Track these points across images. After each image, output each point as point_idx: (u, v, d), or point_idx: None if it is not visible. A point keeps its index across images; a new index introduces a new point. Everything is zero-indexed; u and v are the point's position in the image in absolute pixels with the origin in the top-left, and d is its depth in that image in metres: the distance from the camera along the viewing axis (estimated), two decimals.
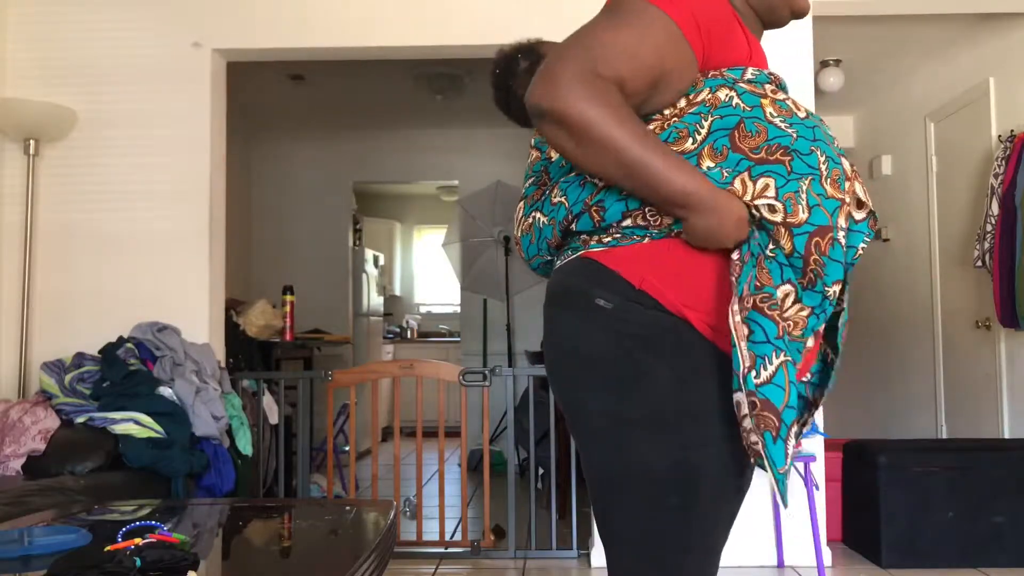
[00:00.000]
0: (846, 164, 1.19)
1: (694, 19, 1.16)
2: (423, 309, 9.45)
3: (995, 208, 3.88)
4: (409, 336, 8.77)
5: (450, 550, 3.67)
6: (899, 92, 5.19)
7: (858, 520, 3.65)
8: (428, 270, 9.38)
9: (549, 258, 1.37)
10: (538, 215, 1.33)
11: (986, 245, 3.93)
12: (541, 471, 4.65)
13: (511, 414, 3.98)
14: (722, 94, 1.19)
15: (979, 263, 3.99)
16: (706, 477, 1.17)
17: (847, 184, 1.17)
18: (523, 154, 2.85)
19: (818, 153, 1.16)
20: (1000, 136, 4.04)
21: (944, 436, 4.66)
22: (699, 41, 1.18)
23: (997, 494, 3.41)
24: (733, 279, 1.15)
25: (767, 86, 1.22)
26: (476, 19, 3.57)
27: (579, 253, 1.26)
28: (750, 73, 1.22)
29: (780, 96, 1.21)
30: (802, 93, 3.51)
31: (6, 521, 1.97)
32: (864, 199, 1.20)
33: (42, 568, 1.43)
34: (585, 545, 3.62)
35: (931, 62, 4.76)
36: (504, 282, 6.05)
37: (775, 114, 1.18)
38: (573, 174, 1.26)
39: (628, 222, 1.19)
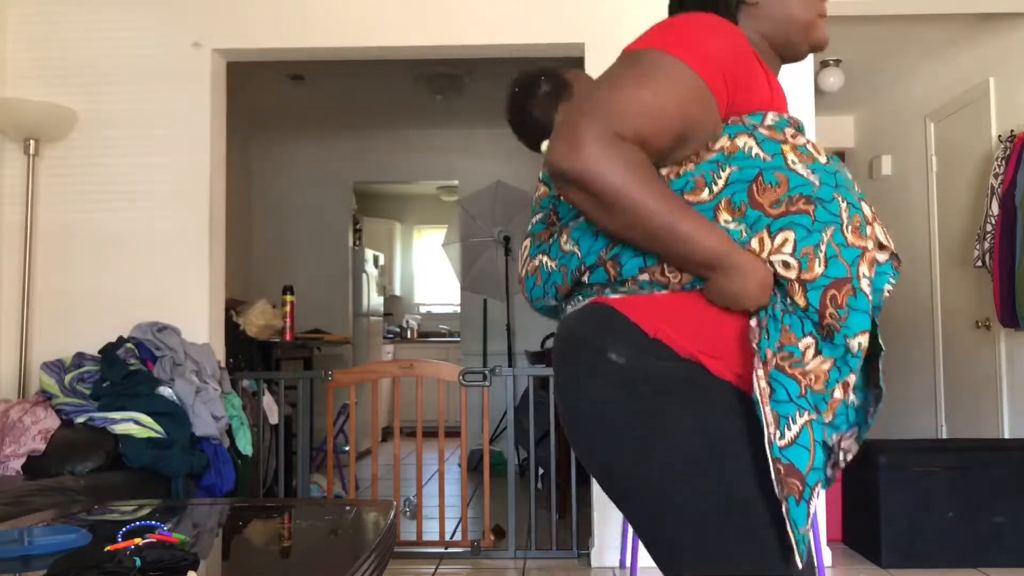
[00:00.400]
0: (866, 209, 1.16)
1: (719, 70, 1.13)
2: (423, 309, 9.46)
3: (995, 208, 3.88)
4: (409, 336, 8.77)
5: (450, 550, 3.67)
6: (899, 92, 5.19)
7: (858, 520, 3.65)
8: (428, 270, 9.39)
9: (555, 304, 1.33)
10: (545, 259, 1.29)
11: (986, 245, 3.93)
12: (541, 471, 4.65)
13: (511, 414, 3.98)
14: (740, 142, 1.15)
15: (979, 263, 3.99)
16: (754, 506, 1.12)
17: (868, 229, 1.14)
18: (523, 154, 2.85)
19: (839, 199, 1.13)
20: (1000, 136, 4.04)
21: (944, 436, 4.66)
22: (724, 91, 1.14)
23: (997, 494, 3.41)
24: (754, 345, 1.12)
25: (787, 130, 1.18)
26: (476, 19, 3.57)
27: (591, 299, 1.22)
28: (770, 119, 1.19)
29: (800, 141, 1.17)
30: (802, 93, 3.51)
31: (6, 521, 1.97)
32: (885, 242, 1.17)
33: (42, 568, 1.43)
34: (585, 545, 3.62)
35: (931, 62, 4.76)
36: (504, 282, 6.05)
37: (796, 160, 1.14)
38: (584, 219, 1.22)
39: (645, 276, 1.16)
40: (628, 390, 1.15)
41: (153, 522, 1.68)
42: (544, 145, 1.60)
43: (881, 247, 1.18)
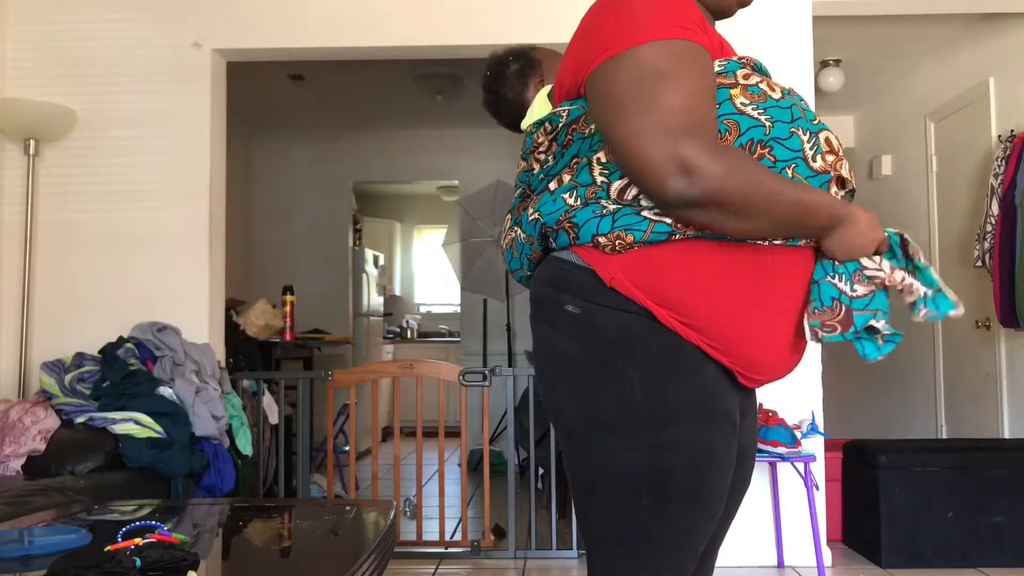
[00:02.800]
0: (829, 139, 1.19)
1: (699, 30, 1.15)
2: (423, 309, 9.45)
3: (995, 208, 3.88)
4: (409, 336, 8.76)
5: (450, 550, 3.67)
6: (899, 92, 5.19)
7: (858, 520, 3.65)
8: (428, 270, 9.38)
9: (530, 274, 1.36)
10: (519, 230, 1.33)
11: (986, 245, 3.93)
12: (541, 471, 4.64)
13: (511, 414, 3.98)
14: None
15: (979, 263, 3.99)
16: (677, 477, 1.16)
17: (830, 158, 1.18)
18: None
19: (799, 133, 1.16)
20: (1000, 136, 4.04)
21: (944, 436, 4.66)
22: (711, 47, 1.17)
23: (997, 494, 3.41)
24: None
25: (739, 72, 1.18)
26: (476, 19, 3.57)
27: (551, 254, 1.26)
28: (717, 65, 1.18)
29: (753, 80, 1.18)
30: (802, 93, 3.50)
31: (6, 521, 1.97)
32: (848, 176, 1.20)
33: (42, 568, 1.43)
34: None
35: (931, 62, 4.76)
36: (504, 282, 6.04)
37: (747, 102, 1.15)
38: (547, 191, 1.25)
39: (603, 240, 1.17)
40: (583, 342, 1.19)
41: (153, 522, 1.68)
42: (524, 124, 1.62)
43: (843, 182, 1.20)
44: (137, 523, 1.66)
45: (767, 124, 1.14)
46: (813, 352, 3.45)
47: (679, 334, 1.16)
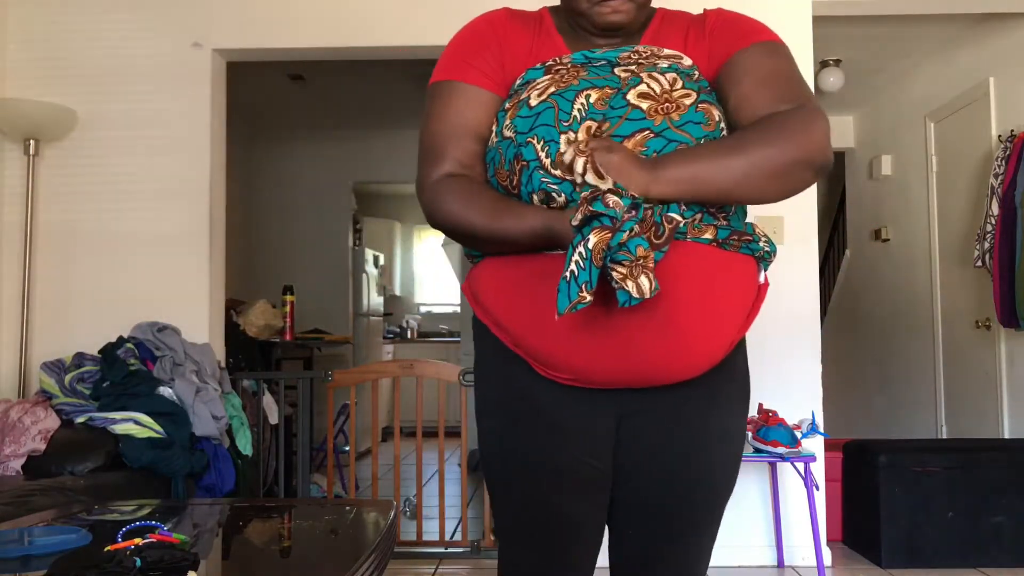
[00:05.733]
0: (570, 136, 1.14)
1: (465, 63, 1.26)
2: (423, 309, 9.45)
3: (995, 208, 3.88)
4: (409, 336, 8.77)
5: (450, 550, 3.67)
6: (899, 92, 5.19)
7: (858, 520, 3.65)
8: (428, 270, 9.38)
9: None
10: None
11: (986, 245, 3.93)
12: None
13: None
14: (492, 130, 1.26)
15: (979, 263, 3.99)
16: (490, 467, 1.33)
17: (579, 163, 1.09)
18: None
19: (534, 141, 1.16)
20: (1000, 136, 4.04)
21: (944, 436, 4.66)
22: (490, 81, 1.26)
23: (997, 494, 3.41)
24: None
25: (534, 82, 1.22)
26: None
27: None
28: (518, 82, 1.26)
29: (530, 93, 1.20)
30: None
31: (6, 521, 1.97)
32: (596, 181, 1.09)
33: (42, 568, 1.43)
34: None
35: (931, 62, 4.76)
36: None
37: (510, 121, 1.21)
38: None
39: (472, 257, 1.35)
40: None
41: (153, 522, 1.68)
42: None
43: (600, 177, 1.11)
44: (137, 523, 1.66)
45: (513, 136, 1.19)
46: (813, 352, 3.45)
47: (490, 330, 1.29)
